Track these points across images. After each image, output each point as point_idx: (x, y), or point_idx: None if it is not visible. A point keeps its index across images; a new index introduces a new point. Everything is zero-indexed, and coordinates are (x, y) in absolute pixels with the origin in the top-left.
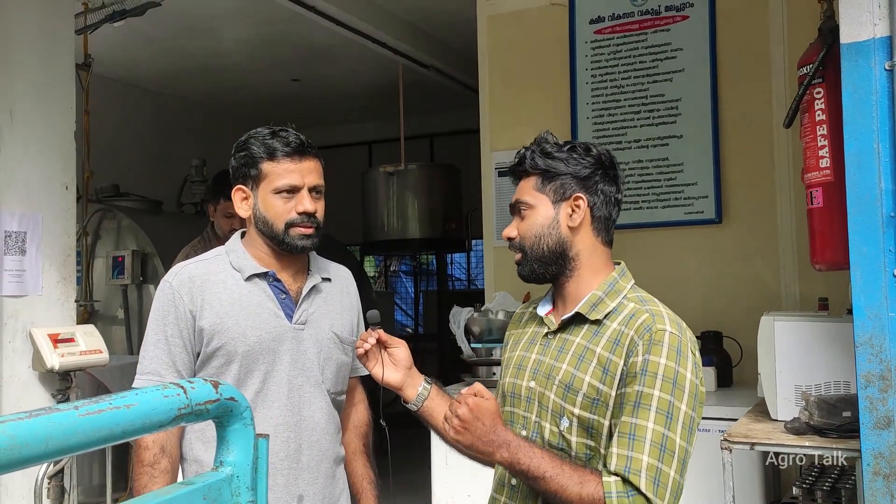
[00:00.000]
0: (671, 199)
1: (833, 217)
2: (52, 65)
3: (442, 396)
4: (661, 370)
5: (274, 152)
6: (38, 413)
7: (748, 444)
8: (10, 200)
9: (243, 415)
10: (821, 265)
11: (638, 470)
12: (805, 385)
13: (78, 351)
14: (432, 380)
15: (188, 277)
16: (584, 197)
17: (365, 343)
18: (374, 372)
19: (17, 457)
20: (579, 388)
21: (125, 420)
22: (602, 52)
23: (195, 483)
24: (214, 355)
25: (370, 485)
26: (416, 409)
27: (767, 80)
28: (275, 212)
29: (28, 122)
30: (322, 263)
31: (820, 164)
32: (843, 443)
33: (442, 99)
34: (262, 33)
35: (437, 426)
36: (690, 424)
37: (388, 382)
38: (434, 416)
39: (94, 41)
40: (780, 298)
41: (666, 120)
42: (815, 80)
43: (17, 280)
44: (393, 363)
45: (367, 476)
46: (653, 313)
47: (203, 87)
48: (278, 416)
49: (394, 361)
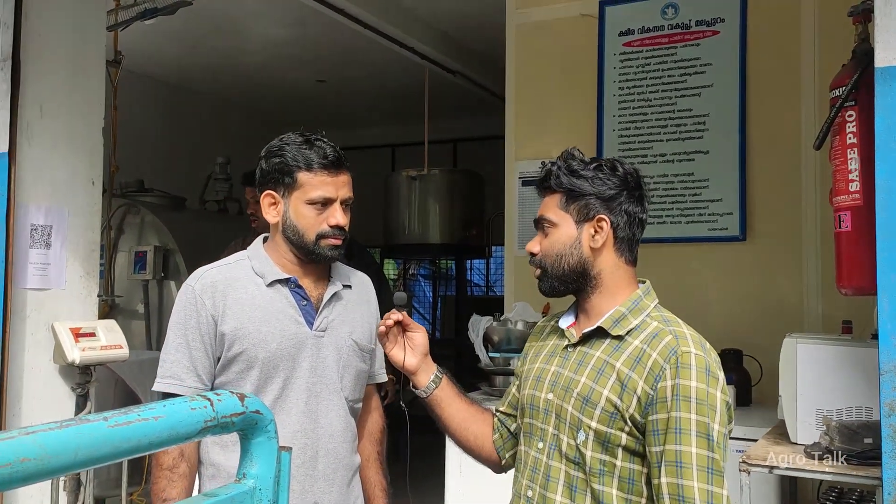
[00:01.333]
0: (695, 214)
1: (861, 241)
2: (83, 61)
3: (452, 388)
4: (693, 393)
5: (311, 163)
6: (68, 424)
7: (767, 467)
8: (37, 194)
9: (267, 428)
10: (847, 290)
11: (692, 498)
12: (826, 409)
13: (99, 346)
14: (445, 371)
15: (211, 282)
16: (607, 219)
17: (388, 320)
18: (391, 353)
19: (47, 467)
20: (597, 401)
21: (153, 432)
22: (630, 64)
23: (219, 495)
24: (235, 360)
25: (382, 492)
26: (426, 397)
27: (797, 98)
28: (307, 222)
29: (57, 117)
30: (343, 270)
31: (849, 187)
32: (863, 470)
33: (466, 104)
34: (289, 34)
35: (443, 416)
36: (724, 442)
37: (404, 365)
38: (441, 406)
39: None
40: (802, 319)
41: (693, 135)
42: (847, 103)
43: (42, 273)
44: (411, 347)
45: (379, 483)
46: (676, 335)
47: (229, 85)
48: (296, 422)
49: (411, 346)
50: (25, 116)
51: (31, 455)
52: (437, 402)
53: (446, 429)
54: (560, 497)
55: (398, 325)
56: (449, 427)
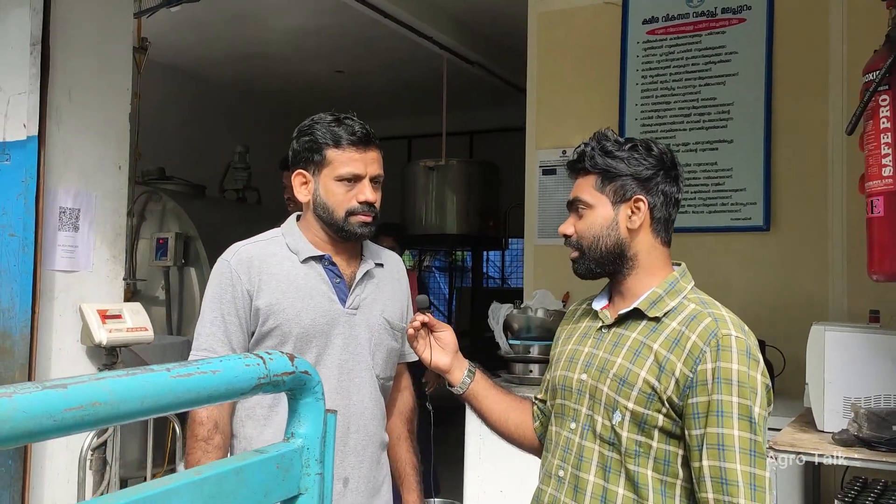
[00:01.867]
0: (718, 204)
1: (893, 226)
2: (111, 47)
3: (486, 380)
4: (734, 376)
5: (339, 140)
6: (134, 372)
7: (794, 453)
8: (66, 178)
9: (315, 389)
10: (878, 276)
11: (735, 481)
12: (854, 397)
13: (125, 328)
14: (476, 364)
15: (246, 257)
16: (644, 199)
17: (414, 323)
18: (422, 355)
19: (116, 412)
20: (634, 382)
21: (211, 385)
22: (654, 53)
23: (268, 452)
24: (269, 335)
25: (413, 470)
26: (462, 393)
27: (825, 86)
28: (336, 199)
29: (85, 102)
30: (374, 249)
31: (883, 172)
32: (892, 457)
33: (483, 95)
34: (309, 23)
35: (482, 409)
36: (764, 425)
37: (436, 365)
38: (479, 400)
39: (145, 25)
40: (826, 310)
41: (717, 124)
42: (880, 87)
43: (70, 256)
44: (441, 347)
45: (410, 461)
46: (715, 317)
47: (249, 74)
48: (328, 398)
49: (441, 345)
50: (55, 101)
51: (101, 399)
52: (475, 397)
53: (486, 421)
54: (594, 477)
55: (424, 326)
56: (489, 419)
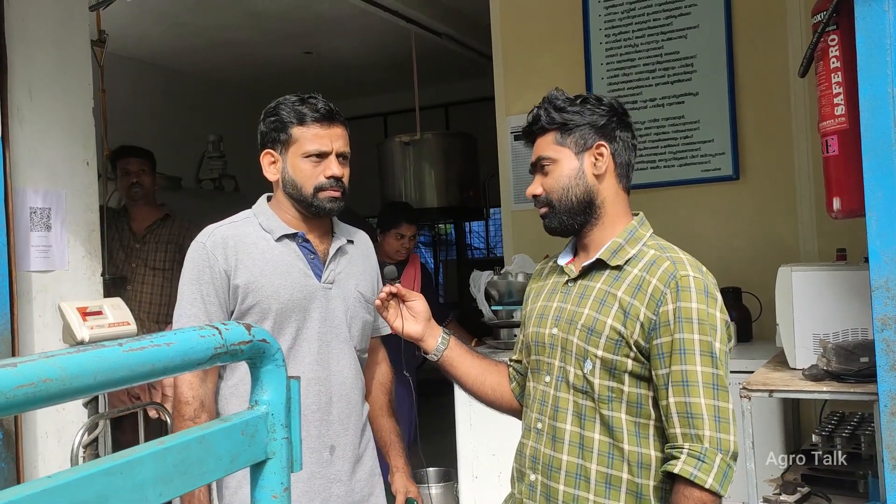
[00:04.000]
0: (688, 156)
1: (849, 164)
2: (68, 41)
3: (461, 346)
4: (694, 314)
5: (304, 117)
6: (85, 348)
7: (766, 391)
8: (34, 178)
9: (275, 356)
10: (837, 214)
11: (700, 414)
12: (823, 333)
13: (106, 323)
14: (450, 332)
15: (221, 238)
16: (605, 144)
17: (381, 294)
18: (394, 325)
19: (68, 388)
20: (602, 330)
21: (166, 357)
22: (615, 11)
23: (233, 420)
24: (249, 312)
25: (397, 437)
26: (437, 360)
27: (783, 32)
28: (304, 175)
29: (47, 99)
30: (345, 227)
31: (835, 111)
32: (860, 387)
33: (456, 67)
34: (272, 6)
35: (458, 375)
36: (726, 359)
37: (408, 334)
38: (454, 366)
39: (106, 19)
40: (798, 253)
41: (681, 77)
42: (829, 28)
43: (44, 255)
44: (412, 316)
45: (393, 429)
46: (674, 260)
47: (216, 62)
48: (310, 370)
49: (413, 314)
50: (16, 100)
51: (52, 376)
52: (450, 362)
53: (463, 386)
54: (570, 426)
55: (394, 297)
56: (465, 384)
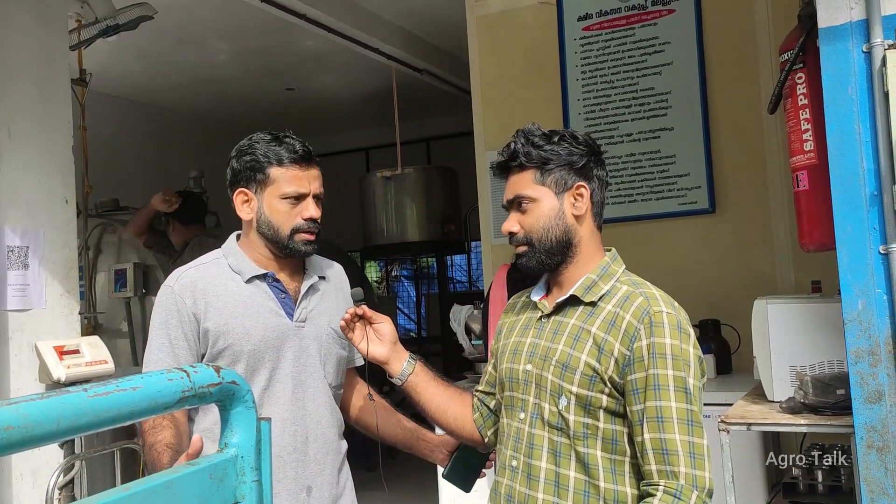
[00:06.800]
0: (664, 190)
1: (819, 198)
2: (48, 81)
3: (427, 372)
4: (668, 350)
5: (282, 159)
6: (48, 395)
7: (745, 424)
8: (12, 216)
9: (245, 398)
10: (810, 247)
11: (675, 450)
12: (800, 366)
13: (83, 362)
14: (417, 356)
15: (190, 281)
16: (585, 185)
17: (345, 315)
18: (359, 347)
19: (31, 435)
20: (576, 366)
21: (132, 401)
22: (591, 48)
23: (201, 463)
24: (221, 355)
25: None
26: (401, 384)
27: (755, 69)
28: (281, 217)
29: (26, 138)
30: (316, 262)
31: (804, 147)
32: (837, 420)
33: (437, 102)
34: (254, 44)
35: (421, 401)
36: (700, 395)
37: (373, 356)
38: (418, 391)
39: (88, 57)
40: (776, 285)
41: (657, 113)
42: (796, 66)
43: (21, 294)
44: (378, 338)
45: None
46: (647, 296)
47: (198, 99)
48: (285, 410)
49: (379, 337)
50: None
51: (14, 423)
52: (414, 388)
53: (426, 412)
54: (545, 463)
55: (361, 319)
56: (428, 410)
